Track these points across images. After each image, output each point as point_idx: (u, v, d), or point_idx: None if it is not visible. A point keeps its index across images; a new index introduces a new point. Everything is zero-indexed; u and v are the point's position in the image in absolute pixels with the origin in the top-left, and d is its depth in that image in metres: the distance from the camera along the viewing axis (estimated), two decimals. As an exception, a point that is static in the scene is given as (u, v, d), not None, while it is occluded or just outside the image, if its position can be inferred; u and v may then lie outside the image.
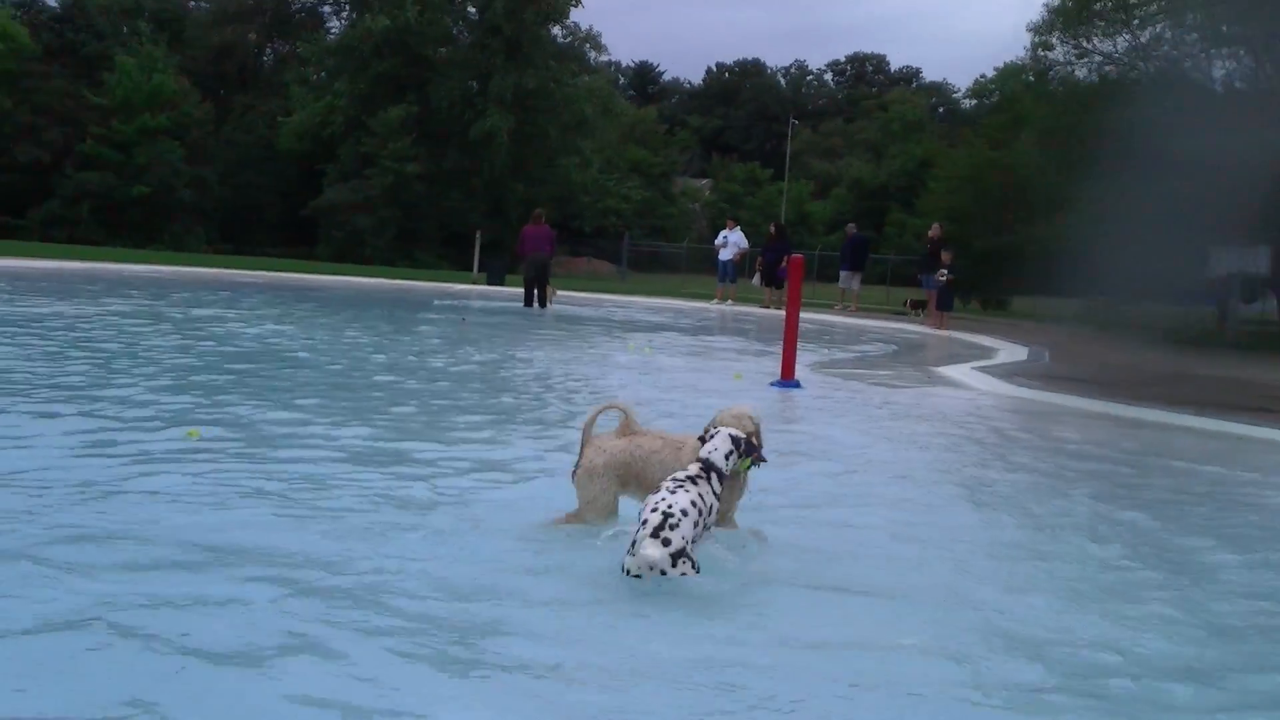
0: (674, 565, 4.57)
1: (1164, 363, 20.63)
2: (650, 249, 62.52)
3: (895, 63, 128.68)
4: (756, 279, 33.30)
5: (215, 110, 58.27)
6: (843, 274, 33.35)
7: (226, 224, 56.64)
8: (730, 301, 32.40)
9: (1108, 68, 36.10)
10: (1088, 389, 14.30)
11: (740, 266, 35.12)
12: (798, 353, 13.17)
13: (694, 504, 4.74)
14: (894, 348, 21.14)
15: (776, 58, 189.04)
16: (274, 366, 11.89)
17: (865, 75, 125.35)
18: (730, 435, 5.08)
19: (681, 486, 4.81)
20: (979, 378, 14.78)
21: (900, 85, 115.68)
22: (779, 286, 28.74)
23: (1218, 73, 35.60)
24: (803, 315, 14.43)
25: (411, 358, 13.48)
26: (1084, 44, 35.69)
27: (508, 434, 8.49)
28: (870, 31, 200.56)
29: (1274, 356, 24.76)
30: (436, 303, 26.00)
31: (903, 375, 15.03)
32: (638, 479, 5.40)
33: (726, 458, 5.01)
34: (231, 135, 58.69)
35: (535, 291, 25.55)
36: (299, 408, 8.92)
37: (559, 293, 27.29)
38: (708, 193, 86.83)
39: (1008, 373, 15.73)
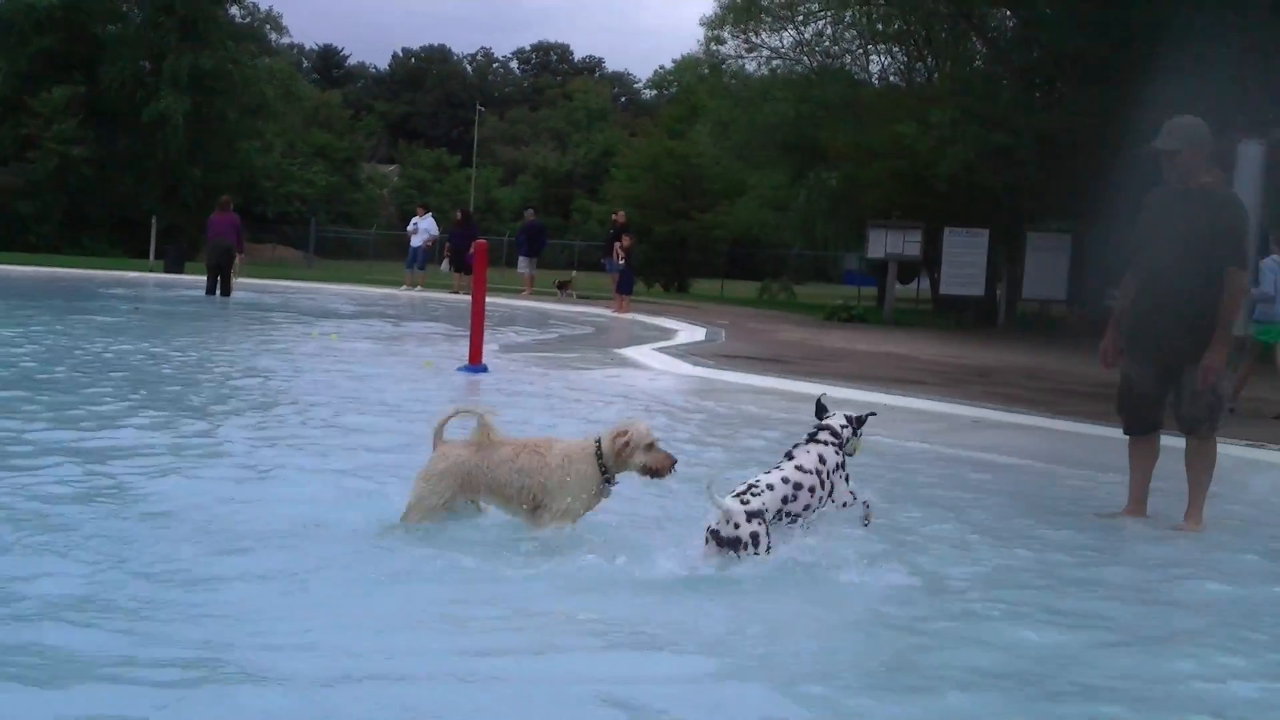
0: (748, 521, 4.96)
1: (830, 340, 22.03)
2: (337, 235, 61.48)
3: (579, 52, 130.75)
4: (445, 265, 33.38)
5: None
6: (521, 259, 33.99)
7: None
8: (419, 287, 32.39)
9: (775, 62, 37.95)
10: (758, 366, 15.22)
11: (431, 252, 35.14)
12: (485, 337, 13.48)
13: (785, 480, 5.19)
14: (578, 330, 21.73)
15: (462, 45, 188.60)
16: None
17: (550, 64, 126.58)
18: (844, 414, 5.58)
19: (778, 467, 5.27)
20: (658, 358, 15.48)
21: (584, 75, 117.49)
22: (467, 272, 28.94)
23: (875, 68, 38.06)
24: (490, 300, 14.76)
25: (76, 348, 13.01)
26: (753, 39, 37.37)
27: (171, 422, 8.44)
28: (554, 21, 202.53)
29: (926, 332, 26.77)
30: (105, 291, 24.91)
31: (586, 357, 15.56)
32: (488, 487, 5.47)
33: (842, 428, 5.49)
34: None
35: (219, 279, 24.92)
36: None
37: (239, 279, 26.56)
38: (396, 179, 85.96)
39: (685, 352, 16.52)
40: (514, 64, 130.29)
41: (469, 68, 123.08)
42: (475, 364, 12.89)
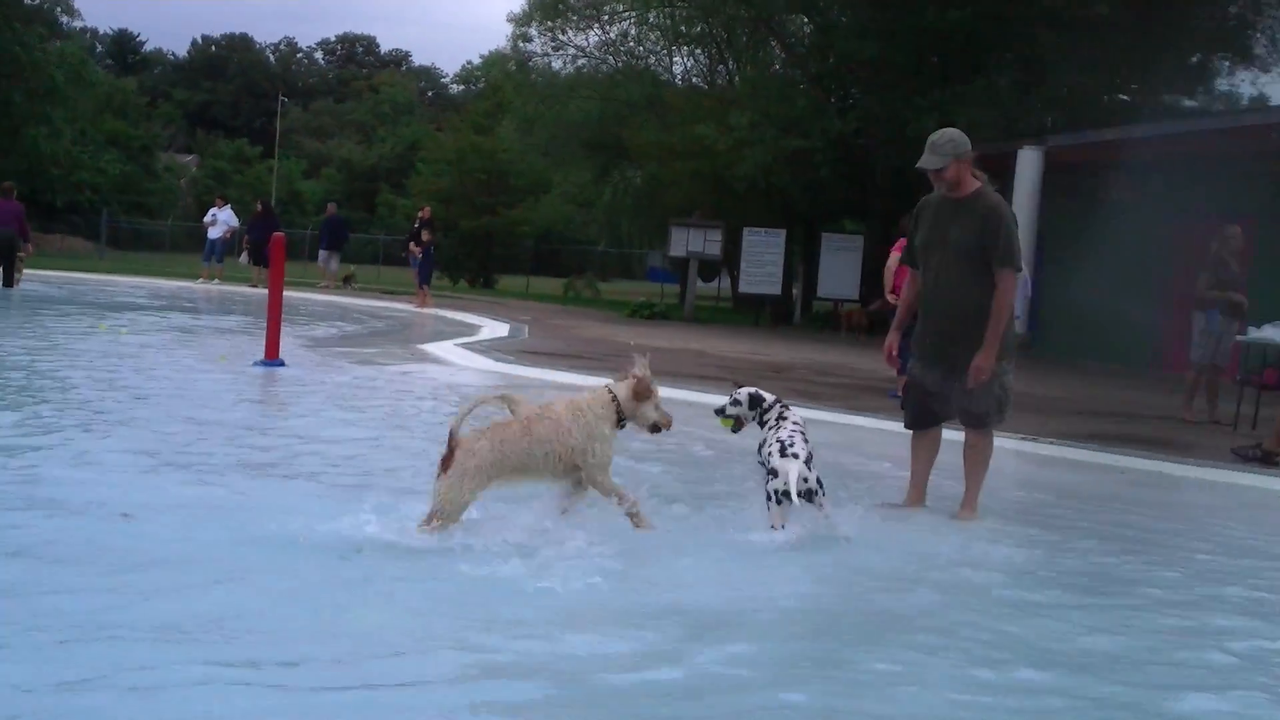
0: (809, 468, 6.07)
1: (631, 336, 22.30)
2: (132, 226, 59.47)
3: (385, 45, 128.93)
4: (244, 257, 32.67)
5: None
6: (322, 253, 33.80)
7: None
8: (217, 280, 31.58)
9: (581, 61, 38.22)
10: (558, 362, 15.36)
11: (230, 245, 34.28)
12: (284, 332, 13.28)
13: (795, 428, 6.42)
14: (380, 325, 21.54)
15: (265, 33, 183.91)
16: None
17: (355, 56, 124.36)
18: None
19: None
20: (460, 353, 15.49)
21: (390, 68, 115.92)
22: (266, 265, 28.32)
23: (678, 69, 38.66)
24: (291, 294, 14.53)
25: None
26: (560, 36, 37.56)
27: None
28: (360, 12, 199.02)
29: (726, 329, 27.37)
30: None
31: (387, 352, 15.48)
32: (523, 469, 5.55)
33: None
34: None
35: (1, 270, 23.82)
36: None
37: (26, 272, 25.40)
38: (194, 169, 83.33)
39: (487, 348, 16.57)
40: (319, 55, 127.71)
41: (272, 57, 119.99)
42: (272, 359, 12.70)
